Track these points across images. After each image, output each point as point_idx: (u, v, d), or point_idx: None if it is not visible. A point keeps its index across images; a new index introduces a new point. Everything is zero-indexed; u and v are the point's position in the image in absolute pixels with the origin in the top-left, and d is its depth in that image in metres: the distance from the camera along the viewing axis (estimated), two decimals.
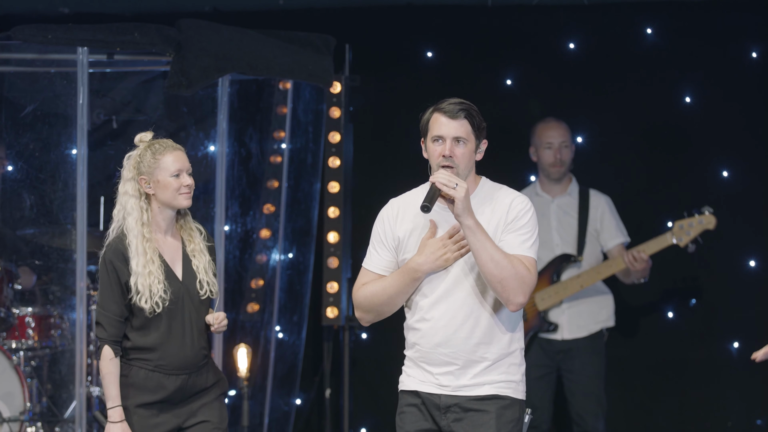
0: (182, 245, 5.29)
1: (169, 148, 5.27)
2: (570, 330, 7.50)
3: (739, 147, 8.05)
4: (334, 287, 8.11)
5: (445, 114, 4.76)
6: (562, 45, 8.29)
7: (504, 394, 4.76)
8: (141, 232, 5.20)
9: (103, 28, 7.23)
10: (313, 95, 8.35)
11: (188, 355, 5.21)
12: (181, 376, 5.21)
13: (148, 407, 5.22)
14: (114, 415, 5.19)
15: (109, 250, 5.21)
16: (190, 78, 7.13)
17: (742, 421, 8.02)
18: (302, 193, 8.37)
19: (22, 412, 7.49)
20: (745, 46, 8.06)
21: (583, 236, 7.54)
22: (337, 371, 8.31)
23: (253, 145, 8.29)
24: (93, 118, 7.89)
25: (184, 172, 5.24)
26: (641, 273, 7.43)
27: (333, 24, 8.14)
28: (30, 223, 7.93)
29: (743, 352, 7.96)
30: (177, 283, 5.23)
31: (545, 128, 7.61)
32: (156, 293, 5.16)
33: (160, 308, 5.17)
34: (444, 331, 4.75)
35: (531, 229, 4.76)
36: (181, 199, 5.24)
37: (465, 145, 4.75)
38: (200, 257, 5.28)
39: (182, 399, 5.25)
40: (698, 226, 7.39)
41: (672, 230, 7.41)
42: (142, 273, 5.15)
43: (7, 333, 7.69)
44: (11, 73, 7.84)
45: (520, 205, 4.79)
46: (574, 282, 7.46)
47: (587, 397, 7.48)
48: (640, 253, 7.37)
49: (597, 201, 7.61)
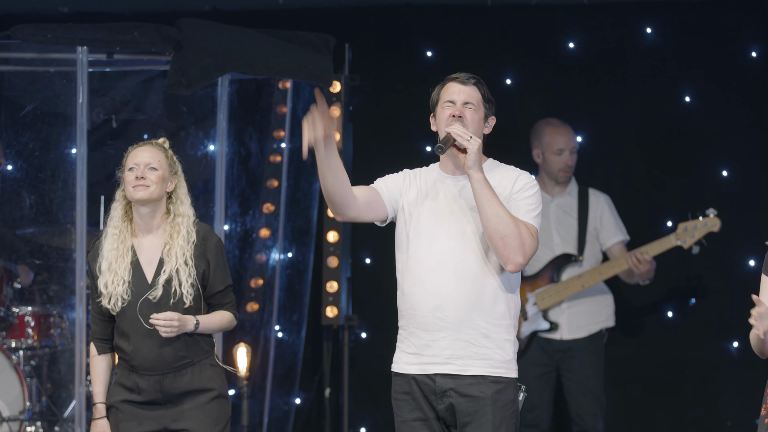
0: (162, 248, 5.24)
1: (139, 146, 5.27)
2: (570, 330, 7.50)
3: (739, 146, 8.05)
4: (334, 286, 8.11)
5: (456, 81, 4.88)
6: (561, 44, 8.28)
7: (497, 375, 4.75)
8: (113, 233, 5.22)
9: (103, 27, 7.23)
10: (312, 94, 8.33)
11: (158, 356, 5.15)
12: (154, 376, 5.18)
13: (131, 405, 5.20)
14: (96, 411, 5.24)
15: (90, 251, 5.30)
16: (189, 77, 7.14)
17: (742, 420, 8.02)
18: (302, 193, 8.37)
19: (21, 412, 7.49)
20: (745, 46, 8.06)
21: (583, 236, 7.54)
22: (336, 371, 8.31)
23: (253, 144, 8.29)
24: (93, 118, 7.89)
25: (142, 166, 5.19)
26: (645, 275, 7.42)
27: (333, 23, 8.13)
28: (30, 222, 7.93)
29: (743, 352, 7.96)
30: (144, 285, 5.19)
31: (555, 133, 7.56)
32: (117, 294, 5.16)
33: (118, 308, 5.16)
34: (439, 295, 4.76)
35: (536, 202, 4.81)
36: (133, 192, 5.19)
37: (474, 111, 4.85)
38: (176, 261, 5.18)
39: (165, 401, 5.20)
40: (702, 228, 7.37)
41: (676, 232, 7.40)
42: (107, 273, 5.18)
43: (7, 332, 7.68)
44: (11, 73, 7.84)
45: (527, 179, 4.87)
46: (576, 282, 7.45)
47: (586, 397, 7.48)
48: (643, 255, 7.36)
49: (596, 200, 7.61)
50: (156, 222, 5.25)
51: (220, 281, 5.28)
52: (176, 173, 5.30)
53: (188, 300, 5.17)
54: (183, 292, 5.17)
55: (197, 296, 5.21)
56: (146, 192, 5.18)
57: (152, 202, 5.21)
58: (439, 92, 4.91)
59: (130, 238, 5.24)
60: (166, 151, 5.29)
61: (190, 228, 5.24)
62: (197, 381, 5.21)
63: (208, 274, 5.24)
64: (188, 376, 5.20)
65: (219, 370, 5.30)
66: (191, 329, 5.16)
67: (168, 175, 5.25)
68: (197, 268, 5.21)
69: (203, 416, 5.20)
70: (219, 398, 5.25)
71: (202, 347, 5.25)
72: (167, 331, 5.09)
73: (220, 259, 5.28)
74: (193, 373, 5.21)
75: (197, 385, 5.21)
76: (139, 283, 5.19)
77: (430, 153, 8.13)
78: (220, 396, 5.26)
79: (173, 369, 5.19)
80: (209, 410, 5.22)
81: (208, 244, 5.26)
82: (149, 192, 5.18)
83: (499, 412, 4.74)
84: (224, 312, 5.31)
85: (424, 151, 8.18)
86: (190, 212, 5.29)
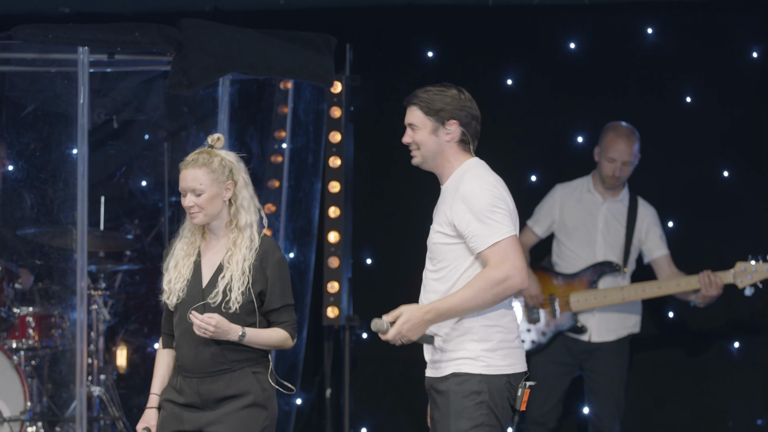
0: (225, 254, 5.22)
1: (185, 165, 5.22)
2: (599, 333, 7.46)
3: (739, 147, 8.05)
4: (335, 287, 8.11)
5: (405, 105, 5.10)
6: (562, 45, 8.29)
7: (461, 371, 4.88)
8: (186, 234, 5.28)
9: (104, 27, 7.23)
10: (313, 95, 8.35)
11: (199, 359, 5.14)
12: (193, 379, 5.18)
13: (173, 404, 5.20)
14: (149, 401, 5.27)
15: (166, 249, 5.37)
16: (190, 78, 7.13)
17: (743, 421, 8.02)
18: (303, 193, 8.37)
19: (22, 412, 7.49)
20: (746, 46, 8.07)
21: (629, 246, 7.46)
22: (337, 371, 8.31)
23: (254, 144, 8.29)
24: (94, 118, 7.89)
25: (189, 193, 5.17)
26: (709, 299, 7.30)
27: (334, 24, 8.13)
28: (31, 222, 7.93)
29: (743, 352, 7.96)
30: (198, 287, 5.19)
31: (614, 140, 7.42)
32: (176, 290, 5.20)
33: (173, 304, 5.20)
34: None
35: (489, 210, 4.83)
36: (190, 217, 5.24)
37: (418, 130, 4.99)
38: (234, 269, 5.15)
39: (203, 405, 5.18)
40: (762, 273, 7.28)
41: (733, 269, 7.30)
42: (172, 270, 5.23)
43: (8, 333, 7.68)
44: (12, 73, 7.84)
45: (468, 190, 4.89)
46: (616, 293, 7.39)
47: (608, 399, 7.46)
48: (717, 277, 7.24)
49: (644, 212, 7.53)
50: (221, 230, 5.24)
51: (278, 298, 5.19)
52: (231, 178, 5.22)
53: (234, 306, 5.13)
54: (231, 298, 5.13)
55: (249, 307, 5.15)
56: (199, 219, 5.19)
57: (211, 220, 5.23)
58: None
59: (200, 239, 5.27)
60: (210, 163, 5.19)
61: (254, 236, 5.21)
62: (234, 387, 5.16)
63: (266, 290, 5.19)
64: (226, 382, 5.16)
65: (262, 378, 5.20)
66: (235, 338, 5.11)
67: (219, 189, 5.19)
68: (254, 279, 5.16)
69: (234, 420, 5.15)
70: (254, 406, 5.17)
71: (247, 356, 5.18)
72: (201, 331, 5.08)
73: (280, 276, 5.21)
74: (231, 379, 5.16)
75: (233, 391, 5.16)
76: (195, 283, 5.20)
77: None
78: (255, 404, 5.17)
79: (210, 374, 5.16)
80: (242, 416, 5.15)
81: (269, 259, 5.20)
82: (201, 218, 5.19)
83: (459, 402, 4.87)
84: (279, 330, 5.20)
85: None
86: (254, 218, 5.24)
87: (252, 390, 5.16)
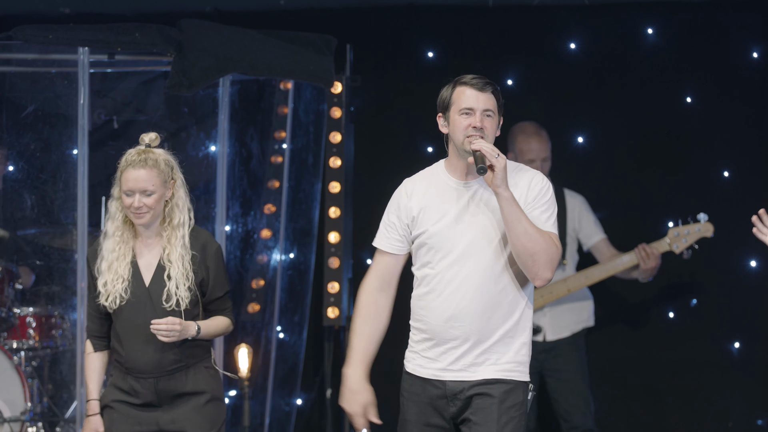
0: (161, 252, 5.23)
1: (133, 165, 5.17)
2: (553, 331, 7.46)
3: (739, 147, 8.05)
4: (335, 287, 8.11)
5: (473, 87, 4.80)
6: (562, 45, 8.28)
7: (508, 378, 4.80)
8: (113, 234, 5.21)
9: (104, 28, 7.23)
10: (314, 95, 8.35)
11: (152, 360, 5.16)
12: (149, 379, 5.18)
13: (127, 405, 5.20)
14: (89, 408, 5.24)
15: (89, 249, 5.29)
16: (191, 78, 7.14)
17: (743, 421, 8.02)
18: (303, 194, 8.37)
19: (23, 412, 7.49)
20: (746, 47, 8.06)
21: (563, 237, 7.47)
22: (338, 371, 8.30)
23: (254, 145, 8.29)
24: (94, 119, 7.89)
25: (137, 194, 5.14)
26: (650, 271, 7.35)
27: (334, 24, 8.13)
28: (31, 223, 7.93)
29: (744, 352, 7.96)
30: (142, 288, 5.19)
31: (527, 141, 7.43)
32: (116, 291, 5.15)
33: (115, 306, 5.16)
34: (456, 305, 4.76)
35: (552, 206, 4.80)
36: (133, 218, 5.19)
37: (492, 118, 4.81)
38: (175, 267, 5.17)
39: (161, 402, 5.20)
40: (695, 234, 7.31)
41: (667, 236, 7.34)
42: (106, 273, 5.18)
43: (8, 333, 7.69)
44: (12, 74, 7.84)
45: (541, 182, 4.83)
46: (561, 286, 7.40)
47: (573, 395, 7.43)
48: (653, 249, 7.28)
49: (573, 201, 7.54)
50: (155, 228, 5.24)
51: (219, 288, 5.29)
52: (173, 178, 5.25)
53: (184, 304, 5.17)
54: (179, 297, 5.17)
55: (194, 301, 5.22)
56: (146, 219, 5.18)
57: (155, 220, 5.22)
58: (451, 95, 4.83)
59: (131, 239, 5.25)
60: (158, 164, 5.20)
61: (186, 234, 5.23)
62: (191, 384, 5.22)
63: (208, 281, 5.25)
64: (182, 379, 5.21)
65: (213, 372, 5.31)
66: (193, 335, 5.17)
67: (165, 189, 5.22)
68: (196, 274, 5.21)
69: (199, 418, 5.21)
70: (213, 401, 5.26)
71: (197, 351, 5.25)
72: (169, 336, 5.08)
73: (219, 266, 5.29)
74: (187, 375, 5.22)
75: (191, 387, 5.22)
76: (137, 283, 5.19)
77: (431, 153, 8.14)
78: (214, 398, 5.27)
79: (167, 372, 5.20)
80: (205, 413, 5.23)
81: (208, 251, 5.26)
82: (148, 219, 5.19)
83: (506, 414, 4.79)
84: (223, 317, 5.32)
85: (426, 151, 8.18)
86: (189, 216, 5.26)
87: (209, 385, 5.24)
